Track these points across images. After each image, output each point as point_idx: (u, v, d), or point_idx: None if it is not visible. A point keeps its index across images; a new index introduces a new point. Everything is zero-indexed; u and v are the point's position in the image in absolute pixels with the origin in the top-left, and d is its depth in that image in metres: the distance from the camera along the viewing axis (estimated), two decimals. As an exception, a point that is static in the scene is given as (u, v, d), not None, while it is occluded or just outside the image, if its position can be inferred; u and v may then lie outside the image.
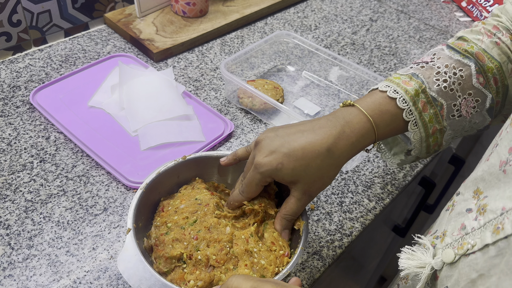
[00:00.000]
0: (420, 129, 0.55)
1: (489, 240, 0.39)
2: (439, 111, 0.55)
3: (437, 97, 0.55)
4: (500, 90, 0.57)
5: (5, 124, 0.76)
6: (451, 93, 0.55)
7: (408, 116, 0.55)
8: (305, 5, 1.17)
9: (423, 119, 0.55)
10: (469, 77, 0.55)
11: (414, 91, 0.55)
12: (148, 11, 1.00)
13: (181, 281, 0.52)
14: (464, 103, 0.56)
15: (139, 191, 0.57)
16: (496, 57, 0.55)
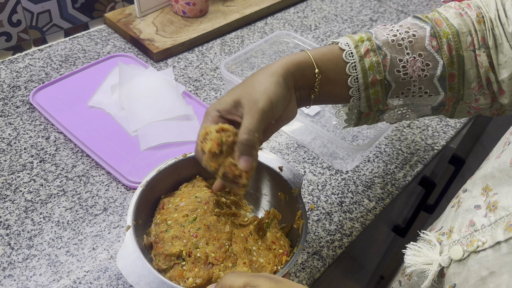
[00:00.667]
0: (359, 74, 0.54)
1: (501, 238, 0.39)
2: (382, 60, 0.54)
3: (381, 46, 0.54)
4: (454, 60, 0.54)
5: (5, 124, 0.76)
6: (398, 48, 0.54)
7: (348, 58, 0.54)
8: (305, 5, 1.17)
9: (363, 63, 0.54)
10: (422, 39, 0.54)
11: (359, 37, 0.55)
12: (148, 11, 1.00)
13: (180, 278, 0.53)
14: (412, 62, 0.54)
15: (140, 188, 0.57)
16: (455, 25, 0.54)
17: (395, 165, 0.79)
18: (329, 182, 0.74)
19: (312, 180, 0.74)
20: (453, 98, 0.56)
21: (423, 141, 0.84)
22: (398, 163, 0.79)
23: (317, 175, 0.75)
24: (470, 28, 0.54)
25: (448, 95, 0.56)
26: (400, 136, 0.84)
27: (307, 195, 0.72)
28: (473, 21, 0.54)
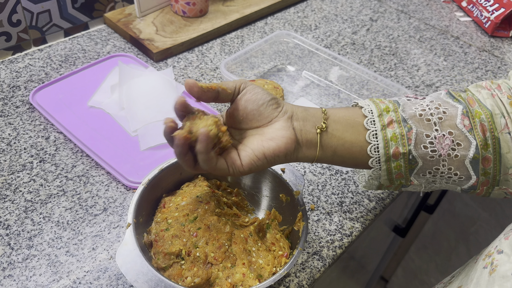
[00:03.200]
0: (380, 143, 0.51)
1: None
2: (406, 133, 0.51)
3: (407, 119, 0.52)
4: (489, 142, 0.51)
5: (5, 124, 0.76)
6: (426, 123, 0.52)
7: (369, 125, 0.52)
8: (305, 5, 1.17)
9: (384, 133, 0.51)
10: (453, 117, 0.51)
11: (385, 107, 0.53)
12: (148, 11, 1.00)
13: (179, 277, 0.53)
14: (440, 138, 0.51)
15: (141, 186, 0.58)
16: (488, 107, 0.52)
17: (395, 165, 0.79)
18: (329, 182, 0.74)
19: (312, 180, 0.74)
20: (487, 183, 0.53)
21: (423, 141, 0.84)
22: (398, 163, 0.79)
23: (317, 175, 0.75)
24: (502, 110, 0.52)
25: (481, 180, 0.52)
26: (400, 136, 0.84)
27: (307, 195, 0.72)
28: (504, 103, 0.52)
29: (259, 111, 0.51)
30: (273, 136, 0.50)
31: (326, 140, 0.52)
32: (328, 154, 0.53)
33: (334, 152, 0.53)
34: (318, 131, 0.51)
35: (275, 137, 0.50)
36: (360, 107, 0.54)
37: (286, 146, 0.50)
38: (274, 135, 0.50)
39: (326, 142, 0.52)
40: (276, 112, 0.51)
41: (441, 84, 0.97)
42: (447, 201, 1.38)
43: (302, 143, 0.51)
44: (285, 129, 0.50)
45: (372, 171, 0.55)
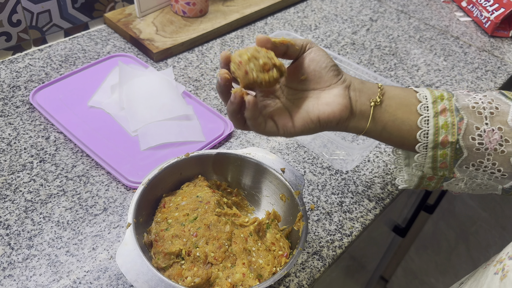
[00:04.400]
0: (430, 129, 0.52)
1: None
2: (457, 122, 0.52)
3: (460, 109, 0.52)
4: None
5: (5, 124, 0.76)
6: (478, 115, 0.52)
7: (422, 111, 0.53)
8: (305, 5, 1.17)
9: (436, 120, 0.52)
10: (504, 113, 0.52)
11: (439, 94, 0.54)
12: (148, 11, 1.00)
13: (179, 277, 0.53)
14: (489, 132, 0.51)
15: (141, 186, 0.58)
16: None
17: (395, 165, 0.79)
18: (329, 182, 0.74)
19: (312, 180, 0.74)
20: None
21: (423, 141, 0.84)
22: (398, 163, 0.79)
23: (317, 175, 0.75)
24: None
25: None
26: (400, 136, 0.84)
27: (307, 195, 0.72)
28: None
29: (320, 73, 0.51)
30: (329, 101, 0.51)
31: (378, 114, 0.53)
32: (378, 128, 0.54)
33: (384, 127, 0.54)
34: (372, 104, 0.52)
35: (331, 102, 0.51)
36: (415, 91, 0.55)
37: (340, 113, 0.51)
38: (330, 101, 0.51)
39: (378, 116, 0.53)
40: (335, 79, 0.52)
41: (441, 84, 0.97)
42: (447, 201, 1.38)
43: (355, 113, 0.52)
44: (342, 97, 0.51)
45: (417, 156, 0.55)
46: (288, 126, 0.51)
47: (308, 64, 0.51)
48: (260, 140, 0.80)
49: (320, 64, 0.51)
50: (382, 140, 0.56)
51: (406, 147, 0.56)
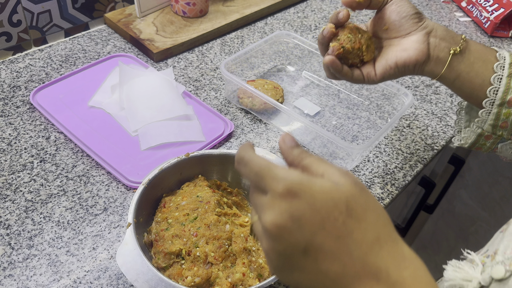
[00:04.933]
0: (501, 87, 0.55)
1: None
2: None
3: None
4: None
5: (5, 124, 0.76)
6: None
7: (497, 69, 0.56)
8: (305, 5, 1.17)
9: (509, 80, 0.55)
10: None
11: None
12: (148, 11, 1.00)
13: (179, 277, 0.53)
14: None
15: (141, 186, 0.58)
16: None
17: (395, 165, 0.79)
18: (329, 182, 0.74)
19: (312, 180, 0.74)
20: None
21: (423, 141, 0.84)
22: (398, 163, 0.79)
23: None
24: None
25: None
26: (400, 136, 0.84)
27: (307, 195, 0.72)
28: None
29: (400, 23, 0.57)
30: (407, 47, 0.56)
31: (455, 62, 0.57)
32: (452, 76, 0.58)
33: (458, 76, 0.57)
34: (452, 52, 0.56)
35: (409, 48, 0.56)
36: (496, 50, 0.58)
37: (417, 57, 0.56)
38: (408, 46, 0.56)
39: (454, 64, 0.57)
40: (416, 26, 0.56)
41: (441, 84, 0.97)
42: (447, 200, 1.38)
43: (432, 58, 0.57)
44: (420, 42, 0.56)
45: (482, 112, 0.58)
46: (371, 74, 0.58)
47: (389, 15, 0.57)
48: (260, 140, 0.80)
49: (401, 14, 0.56)
50: (453, 88, 0.60)
51: (473, 100, 0.59)
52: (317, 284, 0.34)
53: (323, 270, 0.33)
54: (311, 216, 0.32)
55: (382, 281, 0.32)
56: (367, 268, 0.32)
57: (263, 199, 0.34)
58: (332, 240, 0.32)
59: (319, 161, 0.35)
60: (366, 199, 0.34)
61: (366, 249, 0.33)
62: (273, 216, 0.33)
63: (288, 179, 0.33)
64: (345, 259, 0.32)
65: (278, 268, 0.35)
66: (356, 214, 0.33)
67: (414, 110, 0.90)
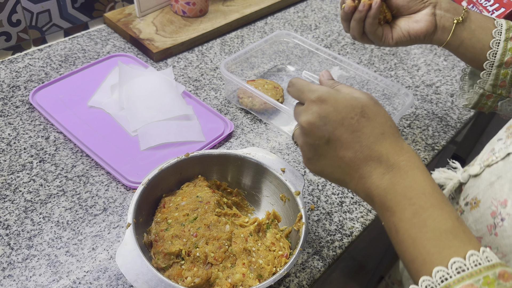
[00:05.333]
0: (499, 50, 0.63)
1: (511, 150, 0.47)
2: None
3: None
4: None
5: (5, 124, 0.76)
6: None
7: (495, 35, 0.64)
8: (305, 5, 1.17)
9: (506, 44, 0.63)
10: None
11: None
12: (148, 11, 1.00)
13: (179, 277, 0.53)
14: None
15: (141, 186, 0.58)
16: None
17: (395, 165, 0.79)
18: (329, 182, 0.74)
19: (312, 180, 0.74)
20: None
21: (423, 141, 0.84)
22: (398, 163, 0.79)
23: (317, 175, 0.75)
24: None
25: None
26: (400, 136, 0.84)
27: (307, 195, 0.72)
28: None
29: (408, 5, 0.66)
30: (418, 19, 0.65)
31: (458, 30, 0.65)
32: (456, 43, 0.66)
33: (461, 42, 0.66)
34: (455, 21, 0.65)
35: (419, 20, 0.65)
36: (494, 18, 0.66)
37: (426, 28, 0.65)
38: (418, 19, 0.65)
39: (458, 32, 0.65)
40: (422, 3, 0.65)
41: (441, 84, 0.97)
42: (447, 201, 1.38)
43: (439, 28, 0.65)
44: (428, 15, 0.65)
45: (483, 73, 0.66)
46: (388, 37, 0.66)
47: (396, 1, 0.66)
48: (260, 140, 0.80)
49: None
50: (457, 54, 0.68)
51: (475, 63, 0.67)
52: (335, 168, 0.45)
53: (340, 156, 0.44)
54: (334, 115, 0.43)
55: (383, 163, 0.43)
56: (372, 153, 0.43)
57: (302, 107, 0.46)
58: (348, 133, 0.43)
59: (347, 86, 0.47)
60: (378, 108, 0.45)
61: (373, 139, 0.43)
62: (307, 116, 0.44)
63: (320, 90, 0.45)
64: (357, 147, 0.43)
65: (309, 158, 0.47)
66: (368, 116, 0.44)
67: (414, 110, 0.90)
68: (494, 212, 0.46)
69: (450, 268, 0.37)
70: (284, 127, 0.82)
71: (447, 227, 0.39)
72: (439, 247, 0.38)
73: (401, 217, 0.41)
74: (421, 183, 0.41)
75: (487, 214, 0.47)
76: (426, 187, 0.41)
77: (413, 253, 0.40)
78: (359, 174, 0.44)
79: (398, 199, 0.41)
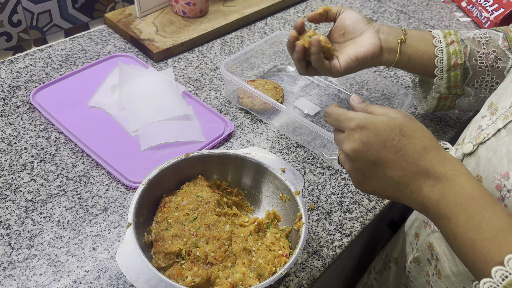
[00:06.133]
0: (444, 56, 0.70)
1: (500, 125, 0.50)
2: (463, 49, 0.70)
3: (464, 40, 0.71)
4: None
5: (5, 124, 0.76)
6: (477, 43, 0.71)
7: (437, 43, 0.71)
8: (305, 5, 1.17)
9: (448, 50, 0.70)
10: (496, 40, 0.70)
11: (447, 31, 0.72)
12: (148, 11, 1.00)
13: (179, 277, 0.53)
14: (487, 54, 0.70)
15: (141, 186, 0.58)
16: None
17: (395, 165, 0.79)
18: (329, 182, 0.74)
19: (312, 180, 0.75)
20: None
21: (423, 141, 0.84)
22: (398, 163, 0.79)
23: (317, 175, 0.75)
24: None
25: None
26: (400, 136, 0.84)
27: (307, 195, 0.72)
28: None
29: (354, 25, 0.70)
30: (364, 43, 0.69)
31: (404, 48, 0.71)
32: (404, 60, 0.71)
33: (409, 58, 0.71)
34: (399, 41, 0.70)
35: (365, 44, 0.69)
36: (429, 31, 0.73)
37: (373, 50, 0.68)
38: (364, 43, 0.69)
39: (404, 50, 0.71)
40: (366, 26, 0.70)
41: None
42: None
43: (385, 50, 0.70)
44: (373, 38, 0.69)
45: (436, 79, 0.72)
46: (336, 66, 0.69)
47: (343, 22, 0.71)
48: (260, 140, 0.80)
49: (352, 19, 0.70)
50: (408, 69, 0.73)
51: (427, 73, 0.73)
52: (387, 186, 0.48)
53: (389, 175, 0.46)
54: (375, 139, 0.46)
55: (431, 176, 0.45)
56: (419, 169, 0.45)
57: (342, 135, 0.49)
58: (392, 153, 0.46)
59: (379, 107, 0.49)
60: (414, 124, 0.47)
61: (417, 155, 0.45)
62: (350, 144, 0.47)
63: (357, 117, 0.47)
64: (403, 165, 0.45)
65: (358, 181, 0.49)
66: (407, 134, 0.46)
67: (414, 110, 0.90)
68: (499, 185, 0.49)
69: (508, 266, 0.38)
70: (284, 127, 0.82)
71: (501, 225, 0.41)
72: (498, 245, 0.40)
73: (456, 223, 0.43)
74: (469, 189, 0.43)
75: (492, 188, 0.50)
76: (475, 191, 0.43)
77: (474, 255, 0.41)
78: (410, 189, 0.46)
79: (451, 207, 0.43)
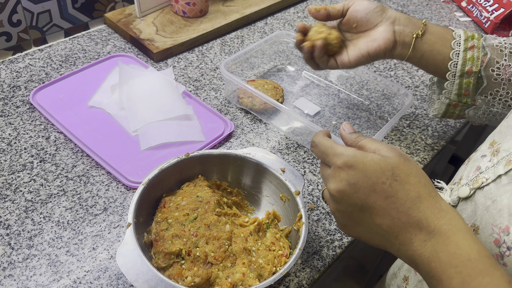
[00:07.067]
0: (459, 61, 0.65)
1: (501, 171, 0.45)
2: (482, 56, 0.65)
3: (486, 47, 0.65)
4: None
5: (5, 124, 0.76)
6: (499, 52, 0.65)
7: (455, 46, 0.66)
8: (305, 5, 1.17)
9: (465, 54, 0.65)
10: None
11: (471, 34, 0.66)
12: (148, 11, 1.00)
13: (179, 277, 0.53)
14: (506, 67, 0.64)
15: (141, 186, 0.58)
16: None
17: (395, 165, 0.79)
18: (329, 182, 0.74)
19: (312, 180, 0.74)
20: None
21: (423, 141, 0.84)
22: (398, 163, 0.79)
23: (317, 175, 0.75)
24: None
25: None
26: (400, 136, 0.84)
27: (307, 195, 0.72)
28: None
29: (366, 18, 0.66)
30: (376, 37, 0.66)
31: (419, 44, 0.66)
32: (417, 56, 0.67)
33: (422, 55, 0.67)
34: (415, 36, 0.66)
35: (377, 38, 0.65)
36: (452, 30, 0.67)
37: (385, 45, 0.65)
38: (376, 37, 0.65)
39: (418, 46, 0.66)
40: (380, 17, 0.66)
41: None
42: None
43: (398, 44, 0.66)
44: (387, 32, 0.65)
45: (447, 83, 0.68)
46: (345, 62, 0.67)
47: (355, 14, 0.67)
48: (260, 140, 0.80)
49: (364, 10, 0.66)
50: (420, 66, 0.69)
51: (438, 74, 0.69)
52: (374, 234, 0.43)
53: (377, 223, 0.42)
54: (364, 181, 0.41)
55: (423, 230, 0.40)
56: (411, 220, 0.41)
57: (328, 172, 0.45)
58: (382, 199, 0.41)
59: (372, 141, 0.45)
60: (409, 167, 0.42)
61: (409, 204, 0.41)
62: (335, 184, 0.43)
63: (345, 154, 0.43)
64: (393, 214, 0.41)
65: (343, 224, 0.45)
66: (400, 178, 0.41)
67: (414, 110, 0.90)
68: (498, 240, 0.44)
69: None
70: (284, 127, 0.82)
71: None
72: None
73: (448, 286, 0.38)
74: (465, 249, 0.39)
75: (490, 243, 0.45)
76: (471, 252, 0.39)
77: None
78: (399, 241, 0.42)
79: (444, 267, 0.39)
